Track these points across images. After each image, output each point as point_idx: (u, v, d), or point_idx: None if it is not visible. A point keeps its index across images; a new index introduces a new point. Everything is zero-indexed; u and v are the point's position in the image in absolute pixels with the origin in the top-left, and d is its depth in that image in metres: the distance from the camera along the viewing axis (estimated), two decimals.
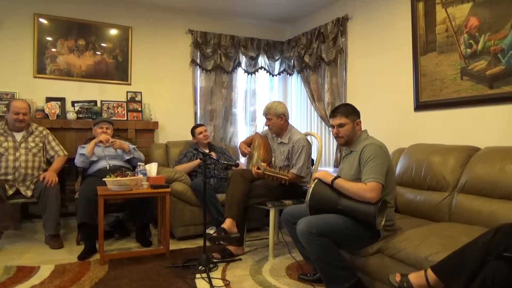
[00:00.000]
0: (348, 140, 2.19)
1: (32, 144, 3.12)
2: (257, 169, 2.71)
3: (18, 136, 3.09)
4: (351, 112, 2.19)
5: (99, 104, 3.83)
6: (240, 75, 4.47)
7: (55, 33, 3.72)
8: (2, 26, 3.55)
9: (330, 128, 2.29)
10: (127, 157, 3.32)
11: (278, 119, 2.90)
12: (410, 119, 3.14)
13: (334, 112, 2.21)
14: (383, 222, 2.01)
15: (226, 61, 4.30)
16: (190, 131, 3.73)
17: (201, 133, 3.63)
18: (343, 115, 2.17)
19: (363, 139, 2.17)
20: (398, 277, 1.75)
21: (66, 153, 3.28)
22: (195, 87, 4.24)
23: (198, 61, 4.19)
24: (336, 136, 2.21)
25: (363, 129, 2.24)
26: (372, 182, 1.96)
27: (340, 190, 2.06)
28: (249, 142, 3.24)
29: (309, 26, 4.21)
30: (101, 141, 3.19)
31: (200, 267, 2.48)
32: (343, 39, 3.79)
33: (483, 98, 2.58)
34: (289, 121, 3.04)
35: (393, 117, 3.32)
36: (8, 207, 3.25)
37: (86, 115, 3.72)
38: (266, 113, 2.94)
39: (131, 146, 3.39)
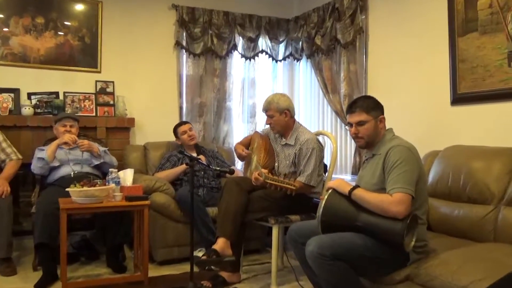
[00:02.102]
0: (370, 141, 2.19)
1: None
2: (258, 175, 2.70)
3: None
4: (373, 107, 2.18)
5: (61, 97, 3.82)
6: (236, 60, 4.47)
7: (6, 9, 3.71)
8: None
9: (347, 127, 2.28)
10: (96, 162, 3.31)
11: (281, 115, 2.91)
12: (446, 115, 3.14)
13: (352, 107, 2.20)
14: (412, 242, 2.00)
15: (218, 43, 4.29)
16: (173, 132, 3.73)
17: (184, 132, 3.63)
18: (363, 110, 2.16)
19: (387, 140, 2.16)
20: None
21: (20, 156, 3.27)
22: (180, 75, 4.24)
23: (184, 43, 4.19)
24: (355, 137, 2.21)
25: (387, 127, 2.23)
26: (399, 193, 1.95)
27: (359, 203, 2.05)
28: (246, 144, 3.24)
29: (321, 1, 4.21)
30: (65, 143, 3.18)
31: None
32: (363, 17, 3.79)
33: None
34: (296, 117, 3.04)
35: (424, 113, 3.31)
36: None
37: (46, 110, 3.72)
38: (266, 109, 2.94)
39: (101, 149, 3.38)
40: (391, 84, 3.59)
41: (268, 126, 3.03)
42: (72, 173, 3.17)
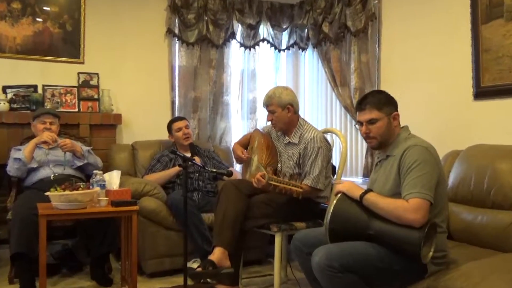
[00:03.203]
0: (383, 141, 2.18)
1: None
2: (261, 176, 2.70)
3: None
4: (385, 102, 2.18)
5: (40, 90, 3.82)
6: (234, 50, 4.47)
7: None
8: None
9: (356, 126, 2.28)
10: (79, 164, 3.32)
11: (283, 111, 2.91)
12: (468, 111, 3.14)
13: (362, 104, 2.20)
14: (431, 253, 2.00)
15: (215, 31, 4.29)
16: (167, 127, 3.73)
17: (180, 129, 3.63)
18: (374, 107, 2.16)
19: (403, 139, 2.16)
20: None
21: None
22: (172, 66, 4.24)
23: (176, 31, 4.19)
24: (366, 137, 2.21)
25: (402, 125, 2.23)
26: (416, 198, 1.95)
27: (371, 209, 2.05)
28: (246, 143, 3.24)
29: None
30: (44, 142, 3.18)
31: None
32: (376, 1, 3.79)
33: None
34: (300, 113, 3.04)
35: (444, 109, 3.31)
36: None
37: (23, 105, 3.72)
38: (267, 104, 2.94)
39: (85, 148, 3.38)
40: (407, 77, 3.59)
41: (269, 123, 3.03)
42: (52, 175, 3.17)
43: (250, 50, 4.48)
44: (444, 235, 2.12)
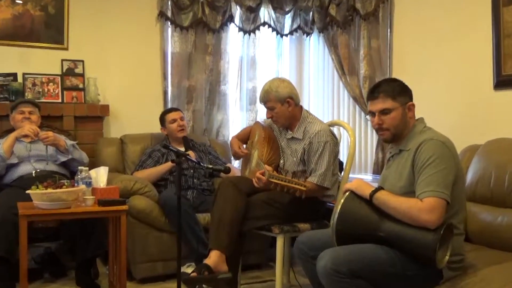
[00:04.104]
0: (396, 133, 2.18)
1: None
2: (261, 174, 2.70)
3: None
4: (400, 91, 2.17)
5: (20, 79, 3.81)
6: (232, 35, 4.45)
7: None
8: None
9: (367, 117, 2.28)
10: (62, 159, 3.31)
11: (283, 105, 2.90)
12: (488, 101, 3.14)
13: (374, 92, 2.19)
14: (447, 257, 2.00)
15: (211, 13, 4.28)
16: (159, 119, 3.73)
17: (174, 120, 3.63)
18: (387, 96, 2.16)
19: (418, 132, 2.16)
20: None
21: None
22: (164, 53, 4.23)
23: (169, 13, 4.18)
24: (378, 128, 2.20)
25: (417, 116, 2.22)
26: (432, 197, 1.95)
27: (382, 209, 2.05)
28: (245, 137, 3.24)
29: None
30: (25, 135, 3.18)
31: None
32: None
33: None
34: (304, 105, 3.04)
35: (461, 99, 3.31)
36: None
37: (1, 96, 3.71)
38: (264, 100, 2.94)
39: (69, 143, 3.37)
40: (421, 64, 3.58)
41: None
42: (33, 171, 3.17)
43: (249, 35, 4.46)
44: (461, 237, 2.12)
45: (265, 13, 4.51)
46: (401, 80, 2.23)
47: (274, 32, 4.56)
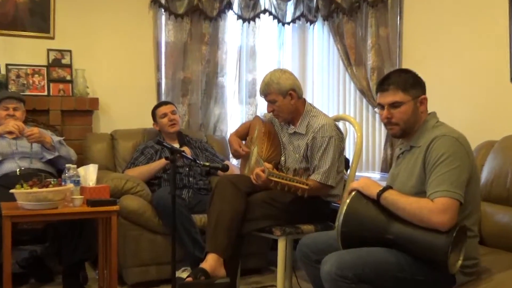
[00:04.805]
0: (406, 128, 2.18)
1: None
2: (260, 171, 2.70)
3: None
4: (412, 84, 2.17)
5: (3, 70, 3.81)
6: (230, 23, 4.45)
7: None
8: None
9: (376, 109, 2.27)
10: (49, 157, 3.31)
11: (285, 98, 2.90)
12: (504, 95, 3.13)
13: (384, 84, 2.19)
14: (460, 261, 1.99)
15: (208, 0, 4.27)
16: (151, 114, 3.74)
17: (165, 115, 3.64)
18: (398, 88, 2.15)
19: (430, 127, 2.16)
20: None
21: None
22: (158, 42, 4.22)
23: (162, 0, 4.17)
24: (387, 123, 2.20)
25: (429, 111, 2.22)
26: (444, 197, 1.94)
27: (391, 210, 2.04)
28: (245, 133, 3.24)
29: None
30: (10, 132, 3.18)
31: None
32: None
33: None
34: (308, 98, 3.04)
35: (476, 92, 3.30)
36: None
37: None
38: (265, 93, 2.94)
39: (55, 139, 3.37)
40: (433, 55, 3.58)
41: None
42: (18, 169, 3.17)
43: (249, 23, 4.45)
44: (475, 240, 2.12)
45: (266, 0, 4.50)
46: (413, 71, 2.22)
47: (276, 20, 4.56)
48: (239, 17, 4.43)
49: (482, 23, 3.26)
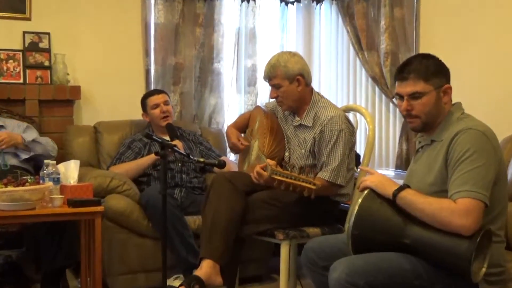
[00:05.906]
0: (428, 121, 2.17)
1: None
2: (261, 169, 2.69)
3: None
4: (435, 72, 2.16)
5: None
6: (228, 2, 4.44)
7: None
8: None
9: (394, 99, 2.27)
10: (24, 156, 3.32)
11: (292, 84, 2.90)
12: None
13: (404, 72, 2.18)
14: (484, 268, 2.00)
15: None
16: (140, 103, 3.74)
17: (157, 106, 3.64)
18: (419, 76, 2.14)
19: (455, 120, 2.15)
20: None
21: None
22: (147, 24, 4.22)
23: None
24: (407, 115, 2.19)
25: (453, 101, 2.21)
26: (467, 198, 1.94)
27: (407, 211, 2.04)
28: (243, 125, 3.25)
29: None
30: None
31: None
32: None
33: None
34: (314, 86, 3.05)
35: (502, 81, 3.31)
36: None
37: None
38: (269, 76, 2.93)
39: (27, 138, 3.35)
40: (454, 38, 3.58)
41: (274, 100, 3.02)
42: None
43: (248, 2, 4.45)
44: (501, 246, 2.12)
45: None
46: (436, 57, 2.20)
47: (278, 0, 4.54)
48: None
49: (509, 2, 3.25)
